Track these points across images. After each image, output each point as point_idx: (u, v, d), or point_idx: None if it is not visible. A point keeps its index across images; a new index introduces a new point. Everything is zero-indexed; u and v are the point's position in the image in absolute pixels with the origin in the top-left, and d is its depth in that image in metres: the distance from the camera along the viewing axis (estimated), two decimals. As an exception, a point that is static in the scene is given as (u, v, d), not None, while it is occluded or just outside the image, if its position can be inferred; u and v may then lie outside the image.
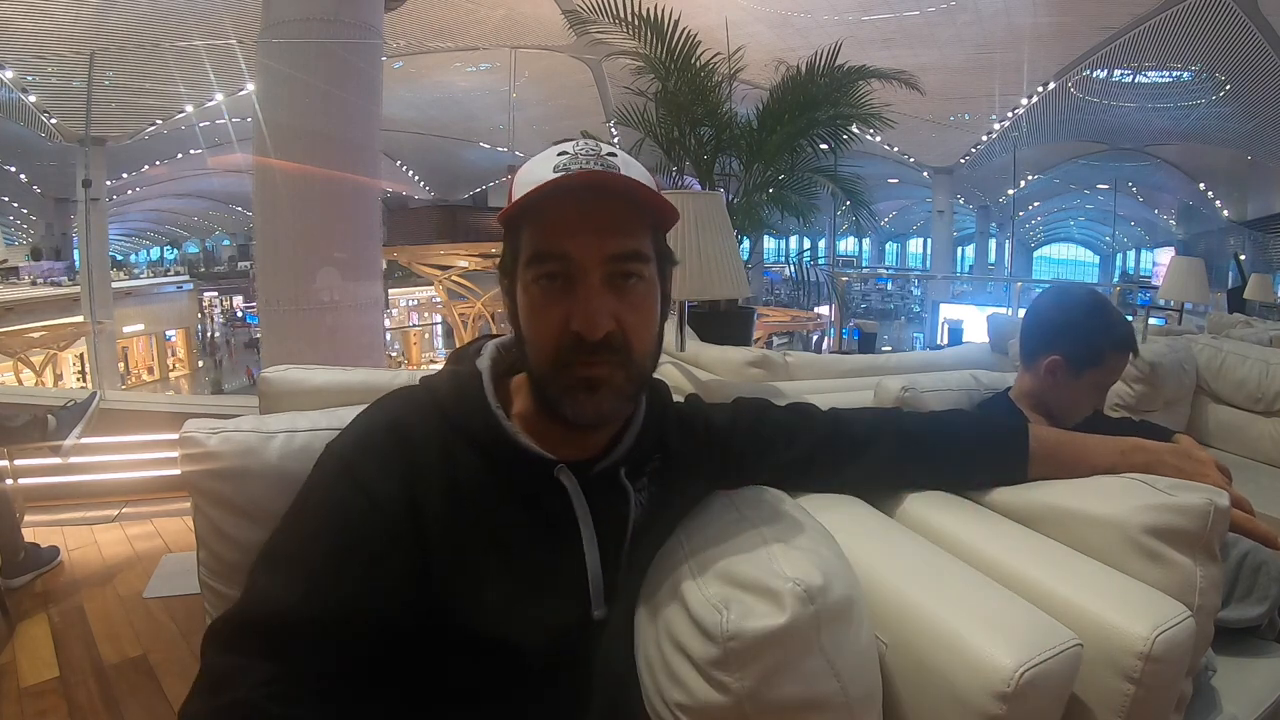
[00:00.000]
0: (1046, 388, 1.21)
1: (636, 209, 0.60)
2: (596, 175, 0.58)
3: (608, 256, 0.59)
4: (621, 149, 0.63)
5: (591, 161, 0.59)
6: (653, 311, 0.64)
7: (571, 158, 0.59)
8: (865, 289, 21.88)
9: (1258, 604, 1.11)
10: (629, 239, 0.60)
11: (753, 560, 0.59)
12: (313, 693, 0.52)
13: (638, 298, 0.61)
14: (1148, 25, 9.53)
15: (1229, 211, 16.02)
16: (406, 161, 18.32)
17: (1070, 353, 1.17)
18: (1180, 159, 15.24)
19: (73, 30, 8.86)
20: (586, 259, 0.58)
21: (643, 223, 0.62)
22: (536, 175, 0.59)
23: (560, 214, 0.58)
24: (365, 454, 0.61)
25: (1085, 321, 1.18)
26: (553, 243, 0.59)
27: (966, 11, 9.68)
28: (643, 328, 0.62)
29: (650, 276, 0.62)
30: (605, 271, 0.59)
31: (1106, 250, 24.27)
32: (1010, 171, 15.95)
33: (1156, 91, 11.90)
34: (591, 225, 0.59)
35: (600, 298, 0.58)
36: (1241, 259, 10.26)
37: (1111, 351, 1.18)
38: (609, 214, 0.59)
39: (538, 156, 0.62)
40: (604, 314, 0.58)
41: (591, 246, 0.58)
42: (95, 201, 10.40)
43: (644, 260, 0.61)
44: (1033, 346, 1.23)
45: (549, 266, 0.59)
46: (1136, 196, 19.14)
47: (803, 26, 9.90)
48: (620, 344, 0.60)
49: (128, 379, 16.32)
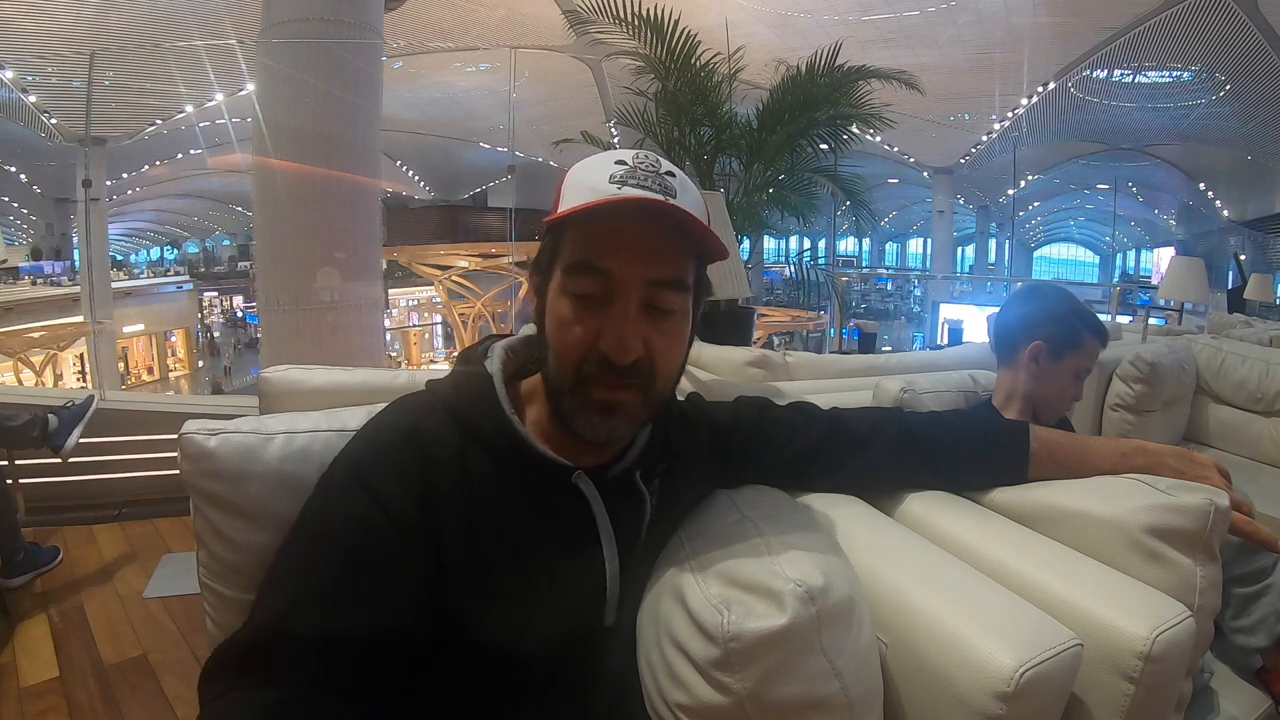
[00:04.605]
0: (1030, 377, 1.24)
1: (685, 238, 0.60)
2: (654, 203, 0.57)
3: (649, 280, 0.58)
4: (639, 150, 0.63)
5: (650, 180, 0.58)
6: (682, 344, 0.64)
7: (630, 170, 0.58)
8: (865, 289, 21.90)
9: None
10: (673, 266, 0.60)
11: (753, 561, 0.59)
12: (328, 713, 0.51)
13: (671, 327, 0.61)
14: (1148, 25, 9.53)
15: (1229, 211, 16.03)
16: (406, 161, 18.32)
17: (1050, 336, 1.23)
18: (1180, 159, 15.25)
19: (73, 30, 8.86)
20: (627, 279, 0.58)
21: (688, 252, 0.61)
22: (591, 183, 0.58)
23: (609, 230, 0.58)
24: (378, 463, 0.59)
25: (1059, 308, 1.25)
26: (597, 257, 0.58)
27: (966, 11, 9.68)
28: (670, 357, 0.62)
29: (685, 309, 0.62)
30: (644, 295, 0.58)
31: (1106, 250, 24.28)
32: (1010, 171, 15.96)
33: (1156, 91, 11.91)
34: (638, 246, 0.58)
35: (635, 322, 0.58)
36: (1241, 259, 10.27)
37: (1088, 335, 1.24)
38: (658, 237, 0.58)
39: (592, 160, 0.61)
40: (636, 339, 0.58)
41: (635, 268, 0.58)
42: (95, 201, 10.42)
43: (684, 290, 0.61)
44: (1011, 340, 1.26)
45: (588, 281, 0.58)
46: (1136, 196, 19.15)
47: (803, 26, 9.90)
48: (646, 370, 0.59)
49: (128, 379, 16.33)
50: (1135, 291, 13.28)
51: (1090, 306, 1.29)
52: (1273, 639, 1.09)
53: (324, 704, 0.51)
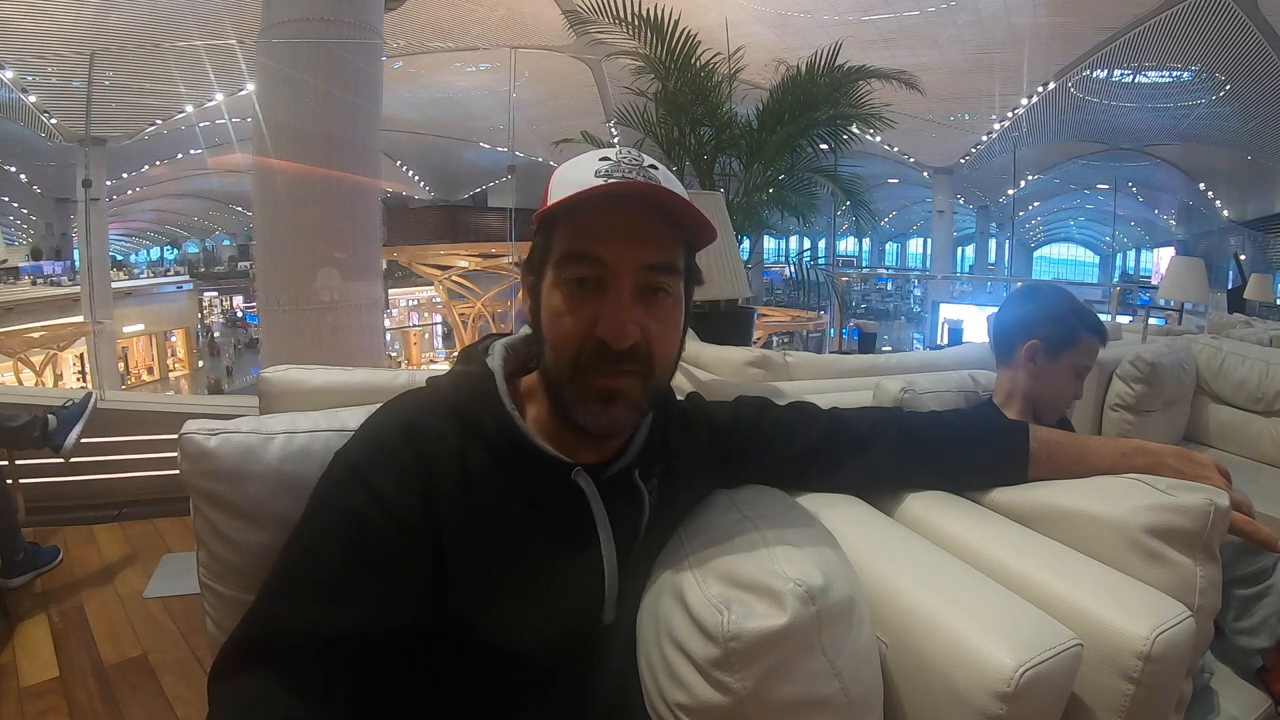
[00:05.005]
0: (1028, 376, 1.24)
1: (673, 223, 0.61)
2: (640, 185, 0.58)
3: (641, 265, 0.59)
4: (622, 146, 0.63)
5: (633, 172, 0.59)
6: (678, 326, 0.64)
7: (614, 165, 0.59)
8: (865, 289, 21.89)
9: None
10: (664, 250, 0.61)
11: (753, 560, 0.59)
12: (331, 711, 0.51)
13: (665, 311, 0.61)
14: (1148, 25, 9.54)
15: (1229, 211, 16.03)
16: (406, 161, 18.32)
17: (1047, 335, 1.23)
18: (1180, 159, 15.25)
19: (73, 30, 8.86)
20: (620, 266, 0.58)
21: (678, 237, 0.62)
22: (578, 178, 0.59)
23: (598, 218, 0.59)
24: (378, 460, 0.59)
25: (1057, 307, 1.25)
26: (587, 245, 0.59)
27: (966, 11, 9.68)
28: (667, 342, 0.62)
29: (678, 292, 0.63)
30: (637, 281, 0.59)
31: (1106, 250, 24.28)
32: (1010, 171, 15.96)
33: (1156, 91, 11.91)
34: (628, 233, 0.59)
35: (630, 307, 0.59)
36: (1241, 259, 10.28)
37: (1085, 333, 1.24)
38: (647, 224, 0.59)
39: (578, 159, 0.62)
40: (633, 323, 0.58)
41: (626, 254, 0.58)
42: (95, 201, 10.42)
43: (675, 274, 0.62)
44: (1009, 340, 1.27)
45: (581, 269, 0.59)
46: (1136, 196, 19.14)
47: (803, 26, 9.90)
48: (644, 355, 0.60)
49: (128, 379, 16.33)
50: (1135, 291, 13.29)
51: (1090, 306, 1.29)
52: (1275, 640, 1.09)
53: (325, 702, 0.51)
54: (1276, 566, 1.12)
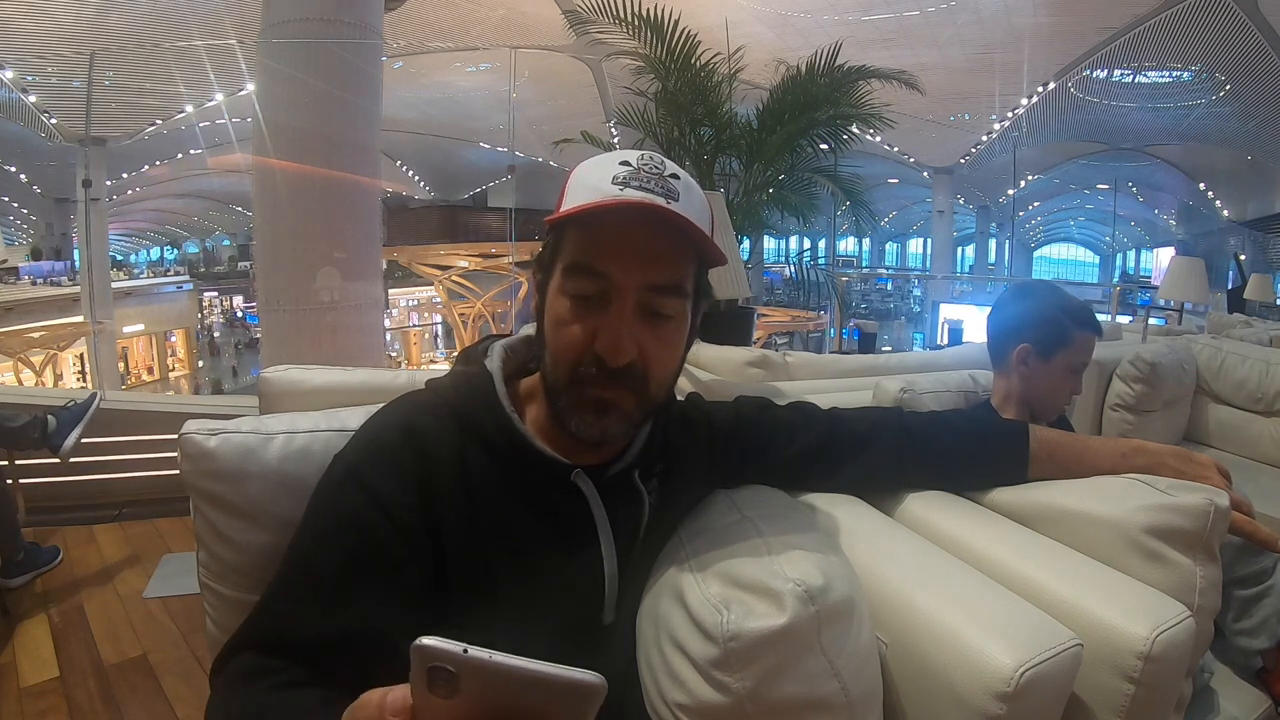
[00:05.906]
0: (1021, 379, 1.23)
1: (686, 243, 0.60)
2: (654, 207, 0.56)
3: (646, 285, 0.58)
4: (622, 147, 0.63)
5: (653, 182, 0.57)
6: (679, 348, 0.64)
7: (633, 172, 0.58)
8: (865, 289, 21.88)
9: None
10: (672, 270, 0.60)
11: (753, 560, 0.59)
12: (329, 710, 0.52)
13: (667, 332, 0.61)
14: (1148, 25, 9.54)
15: (1229, 211, 16.02)
16: (406, 161, 18.32)
17: (1036, 337, 1.21)
18: (1180, 159, 15.25)
19: (73, 30, 8.87)
20: (625, 282, 0.58)
21: (688, 257, 0.61)
22: (594, 183, 0.58)
23: (609, 232, 0.58)
24: (377, 463, 0.59)
25: (1044, 306, 1.23)
26: (595, 260, 0.58)
27: (966, 11, 9.69)
28: (665, 361, 0.62)
29: (683, 313, 0.62)
30: (640, 299, 0.58)
31: (1106, 250, 24.26)
32: (1010, 171, 15.96)
33: (1156, 91, 11.91)
34: (637, 250, 0.58)
35: (630, 325, 0.58)
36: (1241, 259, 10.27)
37: (1076, 330, 1.22)
38: (657, 241, 0.58)
39: (597, 160, 0.61)
40: (630, 342, 0.58)
41: (633, 271, 0.58)
42: (95, 201, 10.40)
43: (681, 295, 0.61)
44: (1000, 344, 1.26)
45: (585, 282, 0.58)
46: (1136, 196, 19.13)
47: (803, 26, 9.90)
48: (639, 373, 0.60)
49: (128, 379, 16.32)
50: (1135, 291, 13.28)
51: (1090, 306, 1.28)
52: (1275, 640, 1.09)
53: (326, 701, 0.51)
54: (1276, 567, 1.11)
